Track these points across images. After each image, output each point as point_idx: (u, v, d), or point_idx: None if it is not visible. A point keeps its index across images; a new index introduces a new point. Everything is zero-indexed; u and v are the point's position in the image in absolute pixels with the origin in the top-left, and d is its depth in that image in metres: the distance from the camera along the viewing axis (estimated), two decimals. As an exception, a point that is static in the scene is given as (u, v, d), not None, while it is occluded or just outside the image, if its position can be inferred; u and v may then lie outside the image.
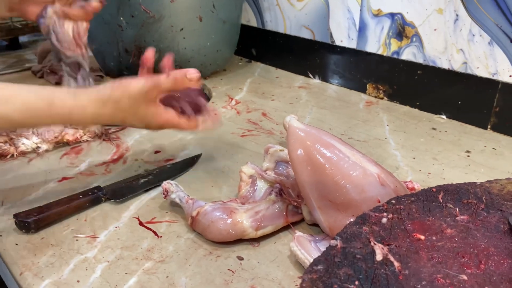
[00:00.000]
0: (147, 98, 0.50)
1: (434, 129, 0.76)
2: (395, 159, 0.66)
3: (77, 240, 0.49)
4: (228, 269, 0.45)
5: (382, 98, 0.89)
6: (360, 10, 0.87)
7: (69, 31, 0.64)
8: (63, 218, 0.52)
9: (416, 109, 0.84)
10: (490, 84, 0.73)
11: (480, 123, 0.76)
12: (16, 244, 0.48)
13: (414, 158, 0.66)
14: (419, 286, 0.31)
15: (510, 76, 0.71)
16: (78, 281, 0.43)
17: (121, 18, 0.85)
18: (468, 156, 0.67)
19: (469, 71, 0.76)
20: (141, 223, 0.52)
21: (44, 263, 0.46)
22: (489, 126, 0.75)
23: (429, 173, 0.62)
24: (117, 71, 0.93)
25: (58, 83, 0.96)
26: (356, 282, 0.31)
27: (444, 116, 0.80)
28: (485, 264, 0.33)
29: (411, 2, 0.79)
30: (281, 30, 1.04)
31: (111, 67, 0.94)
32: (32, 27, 1.16)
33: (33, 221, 0.49)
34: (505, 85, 0.72)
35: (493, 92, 0.73)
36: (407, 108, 0.85)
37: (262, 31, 1.09)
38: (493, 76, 0.73)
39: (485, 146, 0.70)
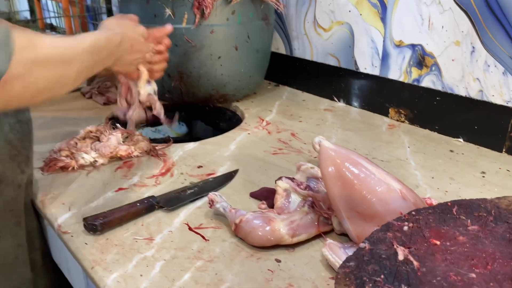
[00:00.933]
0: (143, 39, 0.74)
1: (451, 151, 0.82)
2: (415, 178, 0.73)
3: (136, 241, 0.57)
4: (268, 269, 0.52)
5: (403, 122, 0.96)
6: (383, 40, 0.95)
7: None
8: (124, 223, 0.60)
9: (435, 133, 0.90)
10: (504, 111, 0.79)
11: (496, 146, 0.82)
12: (86, 244, 0.57)
13: (432, 178, 0.73)
14: (434, 281, 0.38)
15: (523, 103, 0.77)
16: (141, 275, 0.51)
17: (166, 47, 0.95)
18: (483, 176, 0.73)
19: (484, 98, 0.82)
20: (190, 228, 0.59)
21: (111, 260, 0.54)
22: (504, 150, 0.81)
23: (446, 191, 0.68)
24: (160, 94, 1.03)
25: (106, 103, 1.07)
26: (382, 276, 0.38)
27: (461, 140, 0.86)
28: (491, 265, 0.40)
29: (431, 35, 0.87)
30: (308, 57, 1.13)
31: (154, 90, 1.04)
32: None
33: (100, 224, 0.58)
34: (519, 112, 0.78)
35: (507, 118, 0.79)
36: (427, 131, 0.91)
37: (290, 58, 1.17)
38: (507, 103, 0.79)
39: (500, 168, 0.76)
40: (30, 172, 0.67)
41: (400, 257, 0.41)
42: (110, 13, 1.22)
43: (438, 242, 0.43)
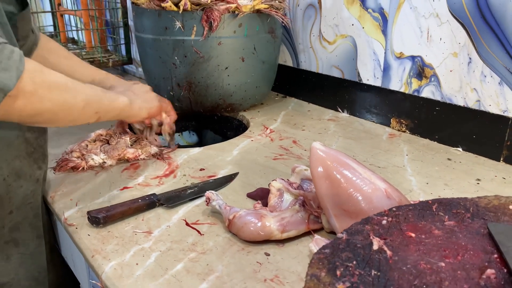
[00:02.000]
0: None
1: (449, 159, 0.84)
2: (409, 184, 0.74)
3: (136, 234, 0.60)
4: (257, 262, 0.54)
5: (404, 131, 0.98)
6: (385, 53, 0.98)
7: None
8: (125, 217, 0.64)
9: (435, 142, 0.92)
10: (501, 120, 0.81)
11: (493, 155, 0.83)
12: (88, 235, 0.60)
13: (427, 183, 0.74)
14: (404, 268, 0.40)
15: (519, 113, 0.79)
16: (137, 264, 0.54)
17: (176, 58, 1.00)
18: (478, 183, 0.74)
19: (482, 108, 0.83)
20: (187, 224, 0.63)
21: (110, 250, 0.57)
22: (501, 159, 0.82)
23: (439, 196, 0.70)
24: (169, 102, 1.08)
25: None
26: (354, 262, 0.40)
27: (460, 149, 0.88)
28: (462, 256, 0.41)
29: (430, 47, 0.89)
30: (313, 69, 1.16)
31: (164, 99, 1.09)
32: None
33: (102, 217, 0.61)
34: (515, 121, 0.79)
35: (504, 127, 0.80)
36: (426, 140, 0.93)
37: (297, 70, 1.21)
38: (503, 113, 0.80)
39: (496, 176, 0.77)
40: (46, 168, 0.72)
41: (375, 246, 0.43)
42: (126, 27, 1.29)
43: (413, 235, 0.45)
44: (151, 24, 1.01)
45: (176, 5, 0.96)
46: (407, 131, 0.97)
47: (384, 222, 0.47)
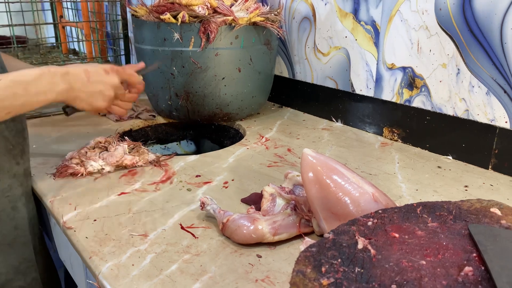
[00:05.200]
0: (103, 72, 0.72)
1: (439, 167, 0.86)
2: (399, 190, 0.76)
3: (132, 237, 0.62)
4: (249, 263, 0.56)
5: (396, 140, 1.00)
6: (377, 64, 1.01)
7: None
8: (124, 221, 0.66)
9: (426, 151, 0.94)
10: (489, 129, 0.83)
11: (482, 163, 0.85)
12: (86, 237, 0.62)
13: (417, 190, 0.76)
14: (387, 266, 0.42)
15: (506, 122, 0.81)
16: (133, 265, 0.56)
17: (174, 68, 1.03)
18: (466, 190, 0.76)
19: (470, 118, 0.86)
20: (182, 227, 0.65)
21: (107, 251, 0.59)
22: (490, 166, 0.84)
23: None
24: (168, 112, 1.10)
25: (118, 120, 1.14)
26: (339, 260, 0.42)
27: (450, 157, 0.90)
28: (442, 255, 0.43)
29: (420, 58, 0.92)
30: (308, 80, 1.19)
31: (162, 108, 1.12)
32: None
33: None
34: (502, 130, 0.81)
35: (492, 136, 0.83)
36: (418, 149, 0.95)
37: (292, 81, 1.24)
38: (491, 122, 0.83)
39: (484, 183, 0.79)
40: (27, 164, 0.77)
41: (360, 246, 0.45)
42: (127, 38, 1.32)
43: (397, 235, 0.47)
44: (150, 36, 1.04)
45: (175, 17, 0.99)
46: (399, 140, 1.00)
47: (369, 223, 0.49)
